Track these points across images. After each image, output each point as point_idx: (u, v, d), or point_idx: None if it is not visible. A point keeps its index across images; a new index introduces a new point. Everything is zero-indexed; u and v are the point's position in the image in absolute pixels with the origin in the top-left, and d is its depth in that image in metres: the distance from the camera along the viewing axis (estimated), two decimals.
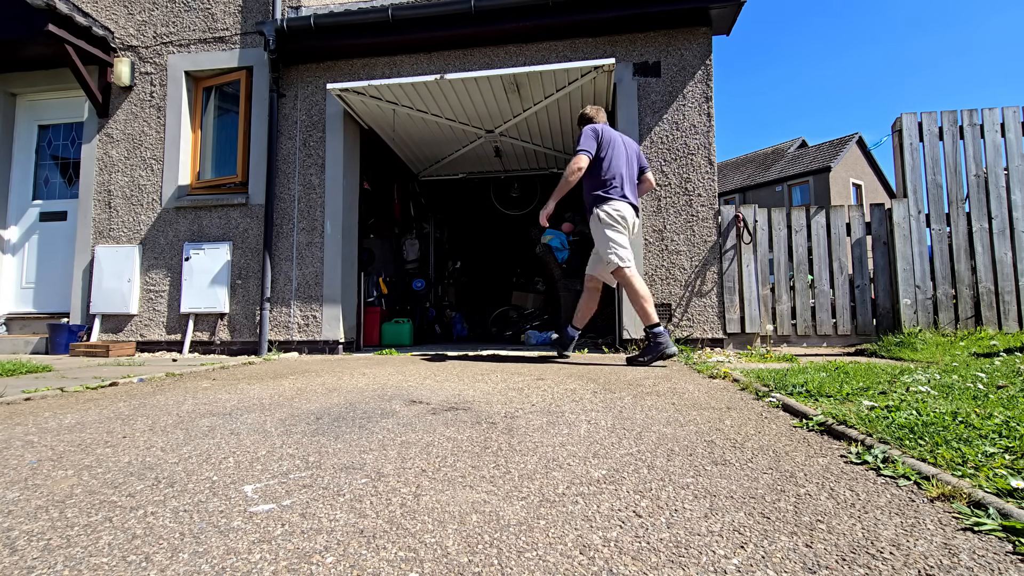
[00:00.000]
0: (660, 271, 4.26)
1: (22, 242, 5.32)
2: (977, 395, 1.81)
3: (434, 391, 2.35)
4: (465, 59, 4.69)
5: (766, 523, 0.93)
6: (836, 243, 4.25)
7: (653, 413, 1.83)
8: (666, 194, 4.32)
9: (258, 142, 4.86)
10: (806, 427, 1.59)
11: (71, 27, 4.59)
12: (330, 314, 4.60)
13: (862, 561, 0.79)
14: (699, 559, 0.80)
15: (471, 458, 1.33)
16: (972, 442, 1.25)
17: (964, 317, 4.09)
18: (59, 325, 4.80)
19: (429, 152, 6.10)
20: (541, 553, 0.83)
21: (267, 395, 2.32)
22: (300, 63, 4.87)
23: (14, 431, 1.68)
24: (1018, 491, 0.97)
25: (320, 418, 1.82)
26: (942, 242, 4.18)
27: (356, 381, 2.72)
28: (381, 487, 1.13)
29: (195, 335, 4.75)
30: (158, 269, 4.86)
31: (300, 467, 1.27)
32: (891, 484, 1.11)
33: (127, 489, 1.14)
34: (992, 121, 4.19)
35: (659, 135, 4.37)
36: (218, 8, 5.01)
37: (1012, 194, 4.12)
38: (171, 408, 2.05)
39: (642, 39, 4.45)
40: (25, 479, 1.21)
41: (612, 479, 1.16)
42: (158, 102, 5.03)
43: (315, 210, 4.72)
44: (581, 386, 2.44)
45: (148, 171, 4.98)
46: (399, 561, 0.80)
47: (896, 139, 4.34)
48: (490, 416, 1.81)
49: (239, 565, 0.79)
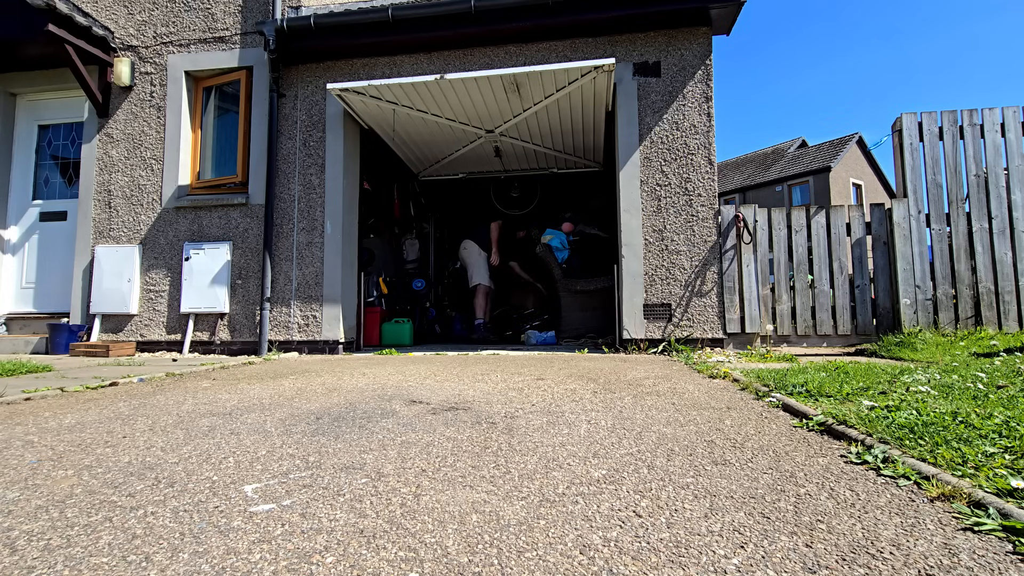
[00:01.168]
0: (660, 271, 4.26)
1: (22, 242, 5.32)
2: (977, 395, 1.81)
3: (434, 391, 2.35)
4: (465, 59, 4.69)
5: (766, 523, 0.93)
6: (836, 243, 4.25)
7: (653, 413, 1.83)
8: (666, 194, 4.32)
9: (258, 142, 4.86)
10: (806, 427, 1.59)
11: (71, 27, 4.59)
12: (330, 314, 4.60)
13: (862, 561, 0.79)
14: (699, 559, 0.80)
15: (471, 458, 1.33)
16: (972, 442, 1.25)
17: (964, 317, 4.09)
18: (59, 325, 4.80)
19: (429, 152, 6.10)
20: (541, 553, 0.83)
21: (267, 395, 2.32)
22: (300, 63, 4.87)
23: (14, 431, 1.68)
24: (1018, 491, 0.97)
25: (320, 418, 1.82)
26: (942, 242, 4.18)
27: (356, 381, 2.72)
28: (381, 487, 1.13)
29: (195, 335, 4.75)
30: (158, 269, 4.86)
31: (300, 467, 1.27)
32: (891, 484, 1.10)
33: (127, 489, 1.14)
34: (992, 121, 4.19)
35: (659, 135, 4.37)
36: (218, 8, 5.01)
37: (1012, 194, 4.12)
38: (171, 408, 2.05)
39: (642, 39, 4.45)
40: (25, 479, 1.21)
41: (612, 479, 1.16)
42: (158, 102, 5.03)
43: (315, 210, 4.72)
44: (581, 386, 2.44)
45: (148, 171, 4.98)
46: (399, 561, 0.80)
47: (896, 139, 4.34)
48: (490, 416, 1.81)
49: (239, 565, 0.79)
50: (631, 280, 4.27)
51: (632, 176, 4.37)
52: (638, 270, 4.27)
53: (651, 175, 4.35)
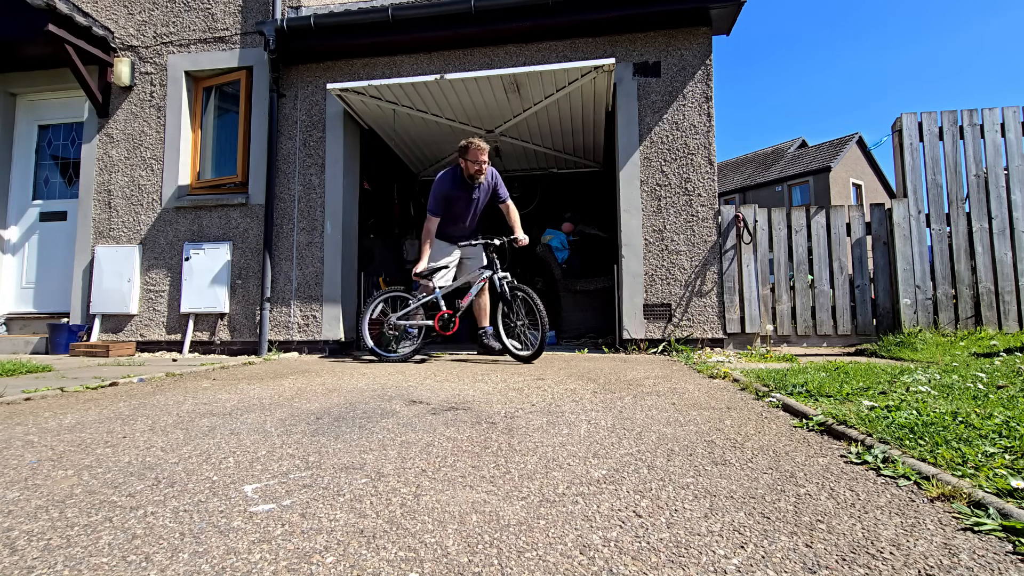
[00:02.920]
0: (660, 271, 4.26)
1: (22, 242, 5.32)
2: (977, 395, 1.81)
3: (434, 391, 2.35)
4: (465, 59, 4.69)
5: (766, 523, 0.93)
6: (836, 243, 4.25)
7: (653, 413, 1.83)
8: (666, 194, 4.32)
9: (258, 142, 4.86)
10: (806, 427, 1.59)
11: (71, 27, 4.59)
12: (330, 314, 4.60)
13: (862, 561, 0.79)
14: (699, 559, 0.80)
15: (471, 458, 1.33)
16: (972, 442, 1.25)
17: (964, 317, 4.09)
18: (59, 325, 4.80)
19: (429, 152, 6.10)
20: (541, 553, 0.83)
21: (267, 395, 2.32)
22: (300, 63, 4.87)
23: (14, 431, 1.68)
24: (1018, 491, 0.97)
25: (320, 418, 1.82)
26: (942, 242, 4.18)
27: (356, 381, 2.72)
28: (381, 487, 1.13)
29: (195, 335, 4.75)
30: (158, 269, 4.86)
31: (300, 467, 1.27)
32: (891, 484, 1.10)
33: (127, 489, 1.14)
34: (992, 121, 4.19)
35: (659, 135, 4.37)
36: (218, 8, 5.01)
37: (1012, 194, 4.12)
38: (171, 408, 2.05)
39: (642, 39, 4.45)
40: (25, 479, 1.21)
41: (612, 479, 1.16)
42: (158, 102, 5.03)
43: (315, 210, 4.72)
44: (581, 386, 2.44)
45: (148, 171, 4.98)
46: (399, 561, 0.80)
47: (896, 139, 4.34)
48: (490, 416, 1.81)
49: (239, 565, 0.79)
50: (631, 280, 4.27)
51: (632, 176, 4.37)
52: (638, 270, 4.27)
53: (651, 175, 4.35)
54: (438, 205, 3.87)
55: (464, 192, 3.90)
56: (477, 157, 3.76)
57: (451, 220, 3.98)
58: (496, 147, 5.80)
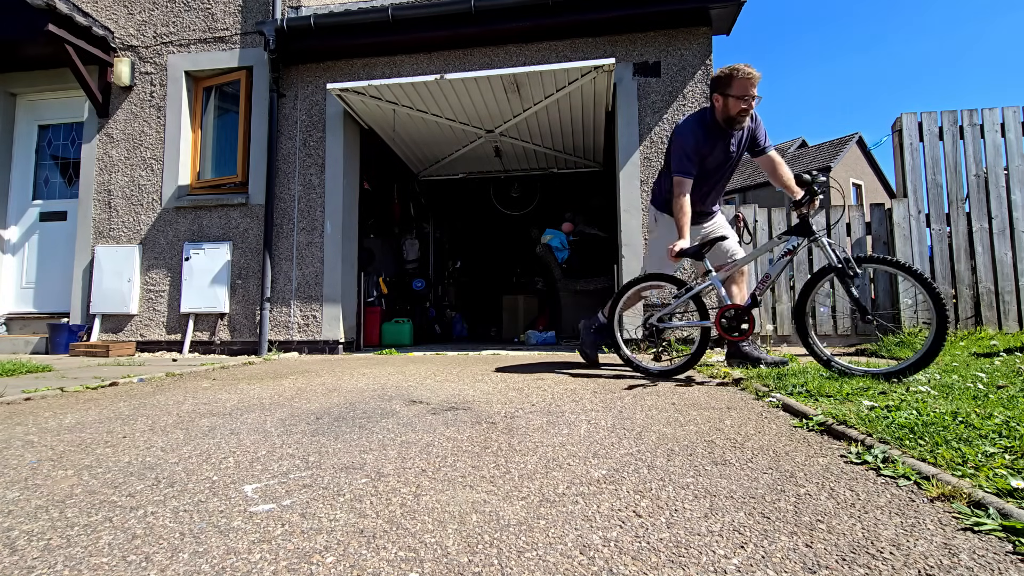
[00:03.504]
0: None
1: (22, 242, 5.32)
2: (977, 395, 1.81)
3: (434, 391, 2.35)
4: (465, 59, 4.69)
5: (766, 523, 0.93)
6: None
7: (653, 413, 1.83)
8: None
9: (258, 142, 4.86)
10: (806, 427, 1.59)
11: (71, 27, 4.59)
12: (330, 314, 4.59)
13: (862, 561, 0.79)
14: (699, 559, 0.80)
15: (471, 458, 1.33)
16: (972, 442, 1.25)
17: (964, 317, 4.09)
18: (59, 325, 4.80)
19: (429, 152, 6.10)
20: (541, 553, 0.82)
21: (267, 395, 2.32)
22: (300, 63, 4.86)
23: (14, 431, 1.68)
24: (1018, 491, 0.97)
25: (320, 418, 1.82)
26: (942, 242, 4.18)
27: (356, 381, 2.72)
28: (381, 487, 1.13)
29: (195, 335, 4.75)
30: (158, 269, 4.86)
31: (300, 467, 1.27)
32: (891, 484, 1.10)
33: (127, 489, 1.14)
34: (992, 121, 4.19)
35: (659, 135, 4.37)
36: (218, 8, 5.01)
37: (1012, 194, 4.12)
38: (171, 408, 2.05)
39: (642, 39, 4.45)
40: (25, 479, 1.21)
41: (612, 479, 1.16)
42: (158, 102, 5.03)
43: (315, 210, 4.72)
44: (581, 386, 2.44)
45: (148, 171, 4.98)
46: (399, 561, 0.80)
47: (896, 139, 4.34)
48: (490, 416, 1.81)
49: (239, 565, 0.79)
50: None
51: (632, 176, 4.36)
52: (638, 270, 4.27)
53: (651, 175, 4.35)
54: (691, 162, 2.71)
55: (719, 141, 2.74)
56: (746, 90, 2.58)
57: (696, 183, 2.80)
58: (496, 147, 5.80)
